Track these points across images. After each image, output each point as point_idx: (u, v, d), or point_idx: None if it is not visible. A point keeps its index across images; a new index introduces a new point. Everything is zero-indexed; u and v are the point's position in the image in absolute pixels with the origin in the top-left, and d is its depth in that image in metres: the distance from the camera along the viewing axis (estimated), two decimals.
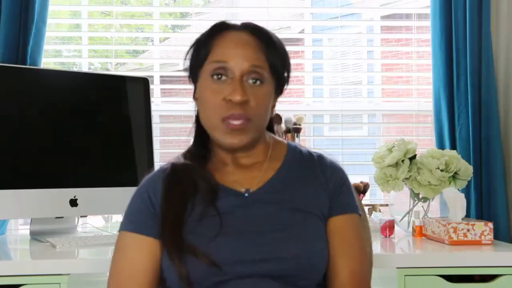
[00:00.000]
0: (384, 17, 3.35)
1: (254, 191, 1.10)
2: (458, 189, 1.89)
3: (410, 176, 1.90)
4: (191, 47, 1.13)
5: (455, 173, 1.91)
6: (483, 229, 1.71)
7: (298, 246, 1.04)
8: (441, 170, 1.87)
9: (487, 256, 1.59)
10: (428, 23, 2.26)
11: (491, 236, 1.72)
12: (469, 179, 1.96)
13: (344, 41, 2.90)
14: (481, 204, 2.09)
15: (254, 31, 1.10)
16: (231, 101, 1.04)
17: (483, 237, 1.71)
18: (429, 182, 1.87)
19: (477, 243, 1.70)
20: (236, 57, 1.06)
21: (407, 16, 2.55)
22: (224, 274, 1.01)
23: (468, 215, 2.05)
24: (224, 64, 1.06)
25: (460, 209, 1.77)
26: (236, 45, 1.07)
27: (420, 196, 1.95)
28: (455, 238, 1.70)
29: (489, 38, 2.11)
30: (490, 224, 1.72)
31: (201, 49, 1.10)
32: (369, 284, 1.13)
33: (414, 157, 1.92)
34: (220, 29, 1.10)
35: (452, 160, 1.89)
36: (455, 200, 1.77)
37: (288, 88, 1.17)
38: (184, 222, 1.05)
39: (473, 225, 1.71)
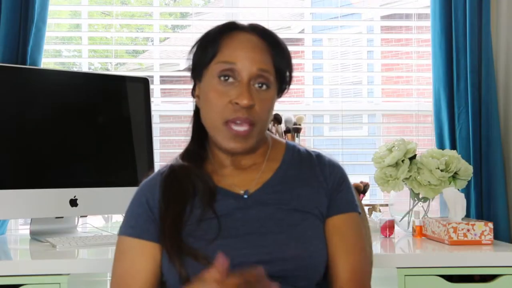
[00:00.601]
0: (384, 17, 3.35)
1: (253, 192, 1.10)
2: (458, 189, 1.89)
3: (410, 176, 1.90)
4: (196, 44, 1.11)
5: (455, 173, 1.91)
6: (483, 229, 1.71)
7: (298, 246, 1.04)
8: (441, 170, 1.87)
9: (487, 256, 1.59)
10: (428, 23, 2.27)
11: (491, 236, 1.72)
12: (469, 179, 1.96)
13: (344, 41, 2.90)
14: (481, 204, 2.09)
15: (262, 33, 1.09)
16: (238, 105, 1.03)
17: (483, 237, 1.71)
18: (429, 182, 1.87)
19: (477, 243, 1.70)
20: (245, 59, 1.05)
21: (407, 16, 2.55)
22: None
23: (468, 215, 2.05)
24: (232, 66, 1.05)
25: (460, 209, 1.77)
26: (245, 47, 1.06)
27: (420, 196, 1.95)
28: (455, 238, 1.70)
29: (489, 38, 2.11)
30: (490, 224, 1.73)
31: (209, 47, 1.08)
32: (369, 283, 1.13)
33: (414, 157, 1.92)
34: (229, 29, 1.09)
35: (452, 160, 1.89)
36: (455, 200, 1.77)
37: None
38: (183, 224, 1.05)
39: (473, 225, 1.71)
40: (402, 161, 1.90)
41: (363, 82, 2.76)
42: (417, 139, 2.32)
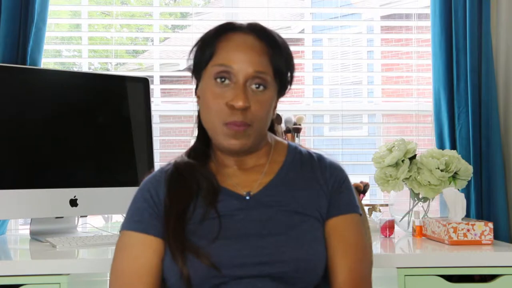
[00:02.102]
0: (384, 17, 3.35)
1: (255, 193, 1.10)
2: (458, 189, 1.89)
3: (410, 176, 1.90)
4: (195, 46, 1.12)
5: (455, 173, 1.91)
6: (483, 229, 1.71)
7: (297, 249, 1.04)
8: (441, 170, 1.87)
9: (487, 256, 1.59)
10: (428, 23, 2.27)
11: (491, 236, 1.72)
12: (469, 179, 1.96)
13: (344, 41, 2.90)
14: (481, 204, 2.09)
15: (259, 33, 1.08)
16: (233, 106, 1.03)
17: (483, 237, 1.71)
18: (429, 182, 1.87)
19: (477, 243, 1.70)
20: (241, 61, 1.05)
21: (407, 16, 2.55)
22: (223, 276, 1.02)
23: (468, 215, 2.05)
24: (228, 68, 1.05)
25: (460, 209, 1.77)
26: (241, 49, 1.06)
27: (420, 196, 1.95)
28: (455, 238, 1.70)
29: (489, 38, 2.11)
30: (490, 224, 1.72)
31: (206, 49, 1.08)
32: (369, 283, 1.13)
33: (414, 157, 1.92)
34: (226, 29, 1.09)
35: (452, 160, 1.89)
36: (455, 200, 1.77)
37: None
38: (187, 222, 1.06)
39: (473, 225, 1.71)
40: (402, 161, 1.90)
41: (363, 82, 2.76)
42: (417, 139, 2.32)
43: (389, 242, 1.81)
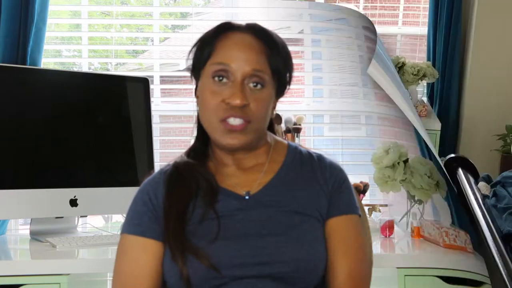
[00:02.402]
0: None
1: (254, 193, 1.10)
2: (442, 197, 1.91)
3: (406, 178, 1.90)
4: (194, 46, 1.12)
5: (438, 181, 1.92)
6: (465, 238, 1.72)
7: (297, 249, 1.04)
8: (428, 177, 1.88)
9: (475, 262, 1.59)
10: None
11: (471, 246, 1.72)
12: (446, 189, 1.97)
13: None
14: (457, 215, 2.08)
15: (258, 33, 1.09)
16: (230, 104, 1.04)
17: (467, 244, 1.72)
18: (421, 185, 1.88)
19: (463, 249, 1.71)
20: (238, 60, 1.05)
21: None
22: (223, 277, 1.02)
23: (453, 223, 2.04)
24: (226, 67, 1.05)
25: (447, 215, 1.79)
26: (239, 47, 1.06)
27: (416, 198, 1.95)
28: (447, 242, 1.70)
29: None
30: (467, 234, 1.74)
31: (205, 48, 1.09)
32: (368, 284, 1.13)
33: (407, 160, 1.93)
34: (225, 29, 1.10)
35: (433, 169, 1.91)
36: (441, 206, 1.79)
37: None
38: (186, 222, 1.06)
39: (458, 232, 1.72)
40: (398, 163, 1.90)
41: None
42: None
43: (389, 242, 1.81)
